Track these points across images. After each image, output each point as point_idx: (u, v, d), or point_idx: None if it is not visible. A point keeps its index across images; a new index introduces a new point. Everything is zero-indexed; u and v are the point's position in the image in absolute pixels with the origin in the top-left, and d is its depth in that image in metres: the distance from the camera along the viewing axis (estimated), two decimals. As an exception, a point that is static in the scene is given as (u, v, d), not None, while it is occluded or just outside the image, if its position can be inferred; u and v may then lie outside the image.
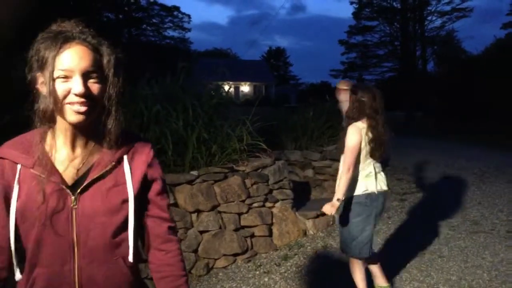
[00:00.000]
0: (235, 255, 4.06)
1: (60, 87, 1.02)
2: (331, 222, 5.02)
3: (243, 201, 4.22)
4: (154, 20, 37.81)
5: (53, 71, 1.01)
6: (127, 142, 1.18)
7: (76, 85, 1.02)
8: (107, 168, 1.12)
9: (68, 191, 1.08)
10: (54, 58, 1.01)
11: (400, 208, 5.96)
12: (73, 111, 1.03)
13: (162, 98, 4.56)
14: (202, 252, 3.88)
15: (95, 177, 1.10)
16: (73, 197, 1.08)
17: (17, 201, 1.07)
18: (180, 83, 4.99)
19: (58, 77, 1.02)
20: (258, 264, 4.06)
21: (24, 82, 1.10)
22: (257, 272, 3.89)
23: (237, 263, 4.07)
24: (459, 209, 5.84)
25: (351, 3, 34.03)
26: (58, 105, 1.02)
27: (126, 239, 1.14)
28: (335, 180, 5.89)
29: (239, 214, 4.20)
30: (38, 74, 1.06)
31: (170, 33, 38.91)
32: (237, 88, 37.13)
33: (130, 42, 33.71)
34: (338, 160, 6.04)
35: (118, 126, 1.12)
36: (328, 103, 7.37)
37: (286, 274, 3.83)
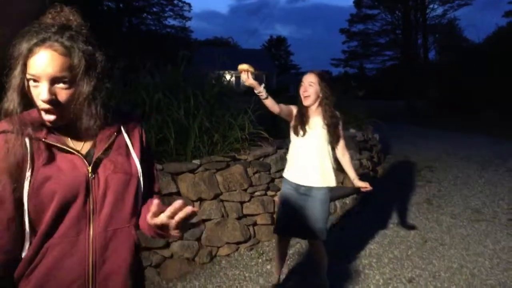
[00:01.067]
0: (238, 243, 4.08)
1: (31, 91, 1.05)
2: (332, 211, 5.04)
3: (245, 189, 4.23)
4: (154, 9, 37.65)
5: (22, 71, 1.03)
6: (118, 117, 1.23)
7: (42, 92, 1.03)
8: (111, 140, 1.18)
9: (85, 161, 1.12)
10: (24, 58, 1.03)
11: (401, 196, 5.98)
12: (44, 118, 1.07)
13: (163, 87, 4.54)
14: (205, 241, 3.90)
15: (103, 149, 1.15)
16: (89, 167, 1.12)
17: (31, 176, 1.06)
18: (181, 72, 4.98)
19: (29, 79, 1.04)
20: (261, 252, 4.08)
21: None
22: (260, 260, 3.92)
23: (240, 251, 4.10)
24: (461, 197, 5.87)
25: (353, -9, 33.83)
26: (35, 105, 1.06)
27: (136, 207, 1.20)
28: (337, 169, 5.92)
29: (242, 203, 4.21)
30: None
31: (171, 22, 38.78)
32: (238, 78, 36.88)
33: (131, 31, 33.55)
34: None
35: (95, 121, 1.13)
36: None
37: (288, 262, 3.86)
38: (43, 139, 1.09)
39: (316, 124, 3.02)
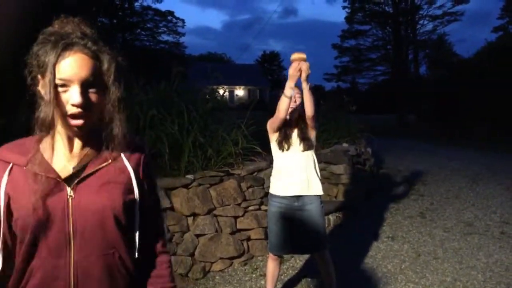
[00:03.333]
0: (232, 258, 4.07)
1: (59, 96, 1.01)
2: (326, 225, 5.05)
3: (239, 204, 4.23)
4: (148, 25, 37.80)
5: (53, 79, 0.99)
6: (124, 142, 1.17)
7: (74, 95, 1.01)
8: (104, 164, 1.12)
9: (64, 182, 1.07)
10: (53, 65, 0.99)
11: (394, 210, 6.00)
12: (71, 124, 1.03)
13: (157, 103, 4.57)
14: (199, 256, 3.89)
15: (91, 171, 1.10)
16: (69, 188, 1.06)
17: (4, 197, 1.05)
18: (175, 88, 5.01)
19: (57, 85, 1.01)
20: (255, 267, 4.07)
21: (17, 85, 1.09)
22: (254, 275, 3.91)
23: (234, 266, 4.08)
24: (453, 211, 5.90)
25: (344, 7, 34.33)
26: (58, 113, 1.02)
27: (125, 234, 1.13)
28: (330, 183, 5.95)
29: (235, 218, 4.20)
30: (39, 76, 1.04)
31: (165, 37, 38.91)
32: (231, 92, 37.20)
33: (125, 47, 33.66)
34: (333, 163, 6.08)
35: (123, 131, 1.12)
36: (322, 107, 7.43)
37: (282, 277, 3.85)
38: (23, 167, 1.06)
39: (298, 135, 3.03)
